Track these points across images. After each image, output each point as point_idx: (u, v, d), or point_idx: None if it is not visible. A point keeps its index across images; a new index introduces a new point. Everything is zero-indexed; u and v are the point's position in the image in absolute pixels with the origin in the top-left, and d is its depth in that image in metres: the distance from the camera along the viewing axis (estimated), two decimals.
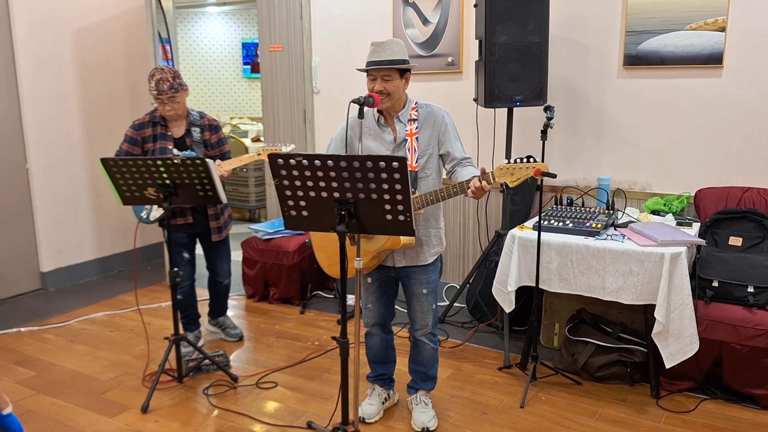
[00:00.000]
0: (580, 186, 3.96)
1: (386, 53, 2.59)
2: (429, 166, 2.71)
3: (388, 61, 2.58)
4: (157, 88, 3.38)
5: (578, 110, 3.92)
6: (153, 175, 3.08)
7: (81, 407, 3.18)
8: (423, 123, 2.71)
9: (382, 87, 2.60)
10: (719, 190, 3.57)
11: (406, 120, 2.70)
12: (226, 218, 3.77)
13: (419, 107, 2.73)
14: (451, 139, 2.71)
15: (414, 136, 2.68)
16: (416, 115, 2.70)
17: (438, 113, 2.72)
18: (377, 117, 2.74)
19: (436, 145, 2.71)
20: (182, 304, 3.78)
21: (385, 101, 2.63)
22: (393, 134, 2.72)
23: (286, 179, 2.31)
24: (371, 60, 2.61)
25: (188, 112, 3.58)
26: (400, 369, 3.22)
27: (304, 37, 4.72)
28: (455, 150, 2.71)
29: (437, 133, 2.71)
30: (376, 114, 2.74)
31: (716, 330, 3.09)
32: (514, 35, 3.47)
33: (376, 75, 2.61)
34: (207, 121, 3.63)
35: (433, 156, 2.72)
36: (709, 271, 3.22)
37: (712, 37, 3.48)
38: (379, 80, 2.61)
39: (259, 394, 3.29)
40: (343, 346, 2.41)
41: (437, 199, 2.57)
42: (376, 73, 2.60)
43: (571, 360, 3.44)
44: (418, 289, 2.81)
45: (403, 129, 2.70)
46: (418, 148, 2.67)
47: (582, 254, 3.17)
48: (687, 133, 3.66)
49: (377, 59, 2.59)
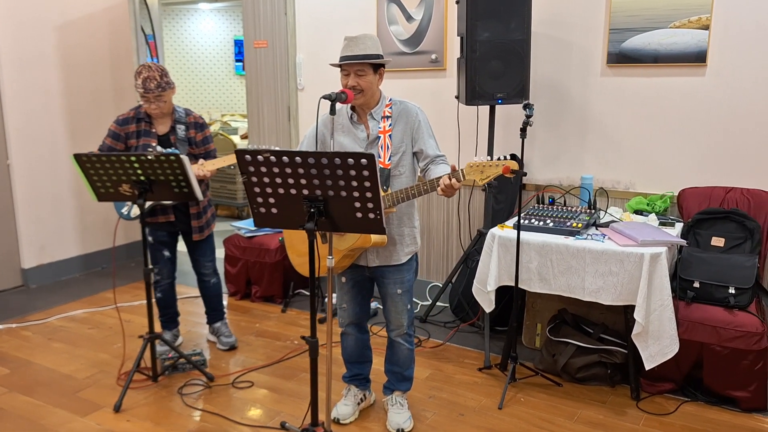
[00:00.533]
0: (563, 185, 3.92)
1: (359, 48, 2.54)
2: (402, 164, 2.67)
3: (361, 56, 2.54)
4: (143, 86, 3.31)
5: (562, 108, 3.88)
6: (127, 171, 3.04)
7: (54, 406, 3.14)
8: (396, 120, 2.67)
9: (356, 82, 2.56)
10: (702, 190, 3.54)
11: (379, 117, 2.66)
12: (209, 217, 3.72)
13: (393, 104, 2.69)
14: (424, 137, 2.67)
15: (387, 133, 2.63)
16: (390, 112, 2.66)
17: (412, 110, 2.68)
18: (350, 114, 2.70)
19: (409, 142, 2.67)
20: (161, 303, 3.73)
21: (358, 97, 2.59)
22: (366, 131, 2.68)
23: (254, 176, 2.27)
24: (344, 55, 2.57)
25: (174, 109, 3.52)
26: (377, 369, 3.19)
27: (289, 34, 4.68)
28: (428, 148, 2.67)
29: (411, 130, 2.67)
30: (350, 111, 2.70)
31: (697, 331, 3.06)
32: (495, 32, 3.43)
33: (349, 70, 2.57)
34: (193, 119, 3.56)
35: (407, 154, 2.68)
36: (690, 272, 3.19)
37: (696, 36, 3.45)
38: (352, 75, 2.57)
39: (234, 394, 3.25)
40: (312, 345, 2.37)
41: (408, 196, 2.53)
42: (349, 68, 2.56)
43: (551, 361, 3.40)
44: (393, 289, 2.77)
45: (377, 126, 2.66)
46: (391, 145, 2.63)
47: (562, 254, 3.13)
48: (671, 132, 3.63)
49: (350, 54, 2.55)
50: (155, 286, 3.69)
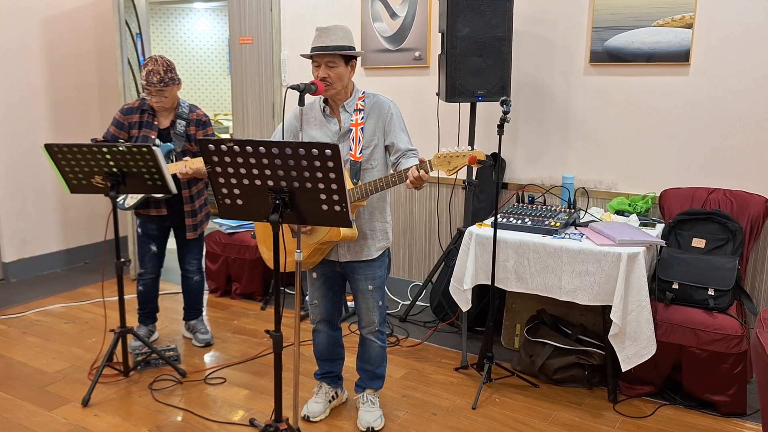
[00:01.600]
0: (545, 185, 3.88)
1: (330, 39, 2.51)
2: (374, 157, 2.63)
3: (332, 47, 2.50)
4: (146, 79, 3.29)
5: (544, 107, 3.84)
6: (99, 163, 3.00)
7: (21, 399, 3.09)
8: (369, 113, 2.63)
9: (326, 74, 2.52)
10: (684, 190, 3.49)
11: (352, 110, 2.63)
12: (203, 216, 3.65)
13: (366, 97, 2.65)
14: (396, 130, 2.63)
15: (359, 126, 2.60)
16: (363, 105, 2.63)
17: (384, 103, 2.64)
18: (323, 107, 2.66)
19: (381, 135, 2.63)
20: (142, 296, 3.69)
21: (329, 89, 2.55)
22: (338, 124, 2.64)
23: (218, 166, 2.23)
24: (315, 45, 2.53)
25: (178, 103, 3.46)
26: (351, 366, 3.14)
27: (274, 30, 4.64)
28: (400, 141, 2.63)
29: (383, 123, 2.63)
30: (322, 103, 2.66)
31: (675, 333, 3.02)
32: (476, 29, 3.39)
33: (319, 61, 2.53)
34: (196, 116, 3.46)
35: (379, 147, 2.64)
36: (669, 273, 3.15)
37: (679, 34, 3.41)
38: (323, 67, 2.53)
39: (205, 390, 3.20)
40: (276, 340, 2.32)
41: (377, 188, 2.49)
42: (320, 59, 2.53)
43: (529, 361, 3.36)
44: (364, 285, 2.72)
45: (349, 119, 2.62)
46: (363, 138, 2.59)
47: (539, 253, 3.09)
48: (653, 132, 3.59)
49: (320, 45, 2.51)
50: (138, 278, 3.65)
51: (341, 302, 2.93)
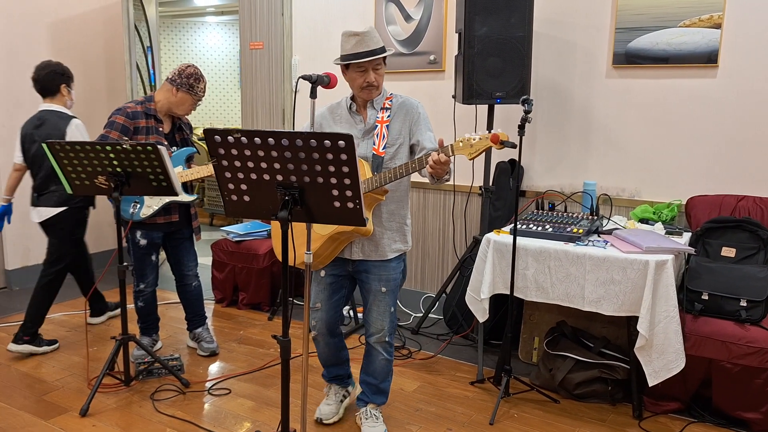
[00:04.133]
0: (565, 192, 3.73)
1: (374, 42, 2.46)
2: (398, 156, 2.57)
3: (379, 50, 2.46)
4: (203, 92, 3.40)
5: (564, 111, 3.71)
6: (103, 162, 2.89)
7: (18, 408, 2.96)
8: (396, 113, 2.58)
9: (373, 78, 2.48)
10: (712, 198, 3.34)
11: (379, 107, 2.58)
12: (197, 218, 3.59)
13: (394, 97, 2.62)
14: (422, 129, 2.57)
15: (385, 123, 2.55)
16: (390, 104, 2.59)
17: (412, 103, 2.61)
18: (350, 104, 2.61)
19: (407, 135, 2.58)
20: (144, 311, 3.53)
21: (373, 92, 2.53)
22: (364, 120, 2.58)
23: (224, 159, 2.10)
24: (362, 51, 2.43)
25: None
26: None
27: (285, 35, 4.55)
28: (425, 140, 2.55)
29: (409, 123, 2.57)
30: (349, 101, 2.61)
31: (705, 346, 2.85)
32: (495, 28, 3.28)
33: (367, 66, 2.46)
34: (186, 119, 3.52)
35: (404, 146, 2.58)
36: (698, 283, 2.98)
37: (707, 35, 3.28)
38: (370, 72, 2.48)
39: (209, 401, 3.05)
40: (284, 345, 2.17)
41: (396, 176, 2.39)
42: (368, 64, 2.45)
43: (548, 376, 3.19)
44: (376, 286, 2.59)
45: (375, 115, 2.58)
46: (387, 135, 2.53)
47: (560, 260, 2.94)
48: (679, 137, 3.44)
49: (367, 50, 2.43)
50: (139, 295, 3.48)
51: (341, 310, 2.78)
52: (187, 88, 3.31)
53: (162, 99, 3.34)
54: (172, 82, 3.32)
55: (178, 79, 3.31)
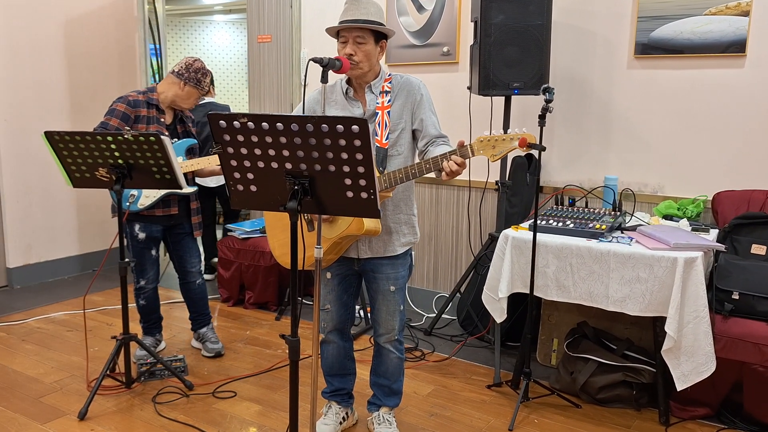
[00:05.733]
0: (584, 187, 3.59)
1: (361, 12, 2.26)
2: (400, 143, 2.37)
3: (362, 20, 2.26)
4: (209, 87, 3.37)
5: (583, 104, 3.56)
6: (104, 153, 2.76)
7: (13, 411, 2.83)
8: (397, 94, 2.38)
9: (353, 50, 2.27)
10: (740, 193, 3.19)
11: (378, 91, 2.37)
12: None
13: (393, 78, 2.40)
14: (426, 112, 2.37)
15: (386, 110, 2.34)
16: (389, 87, 2.37)
17: (414, 83, 2.39)
18: (345, 88, 2.41)
19: (409, 118, 2.37)
20: (145, 310, 3.40)
21: (354, 69, 2.29)
22: (363, 107, 2.38)
23: (230, 146, 1.97)
24: (344, 19, 2.28)
25: None
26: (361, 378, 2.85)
27: (293, 27, 4.43)
28: (429, 125, 2.36)
29: (411, 105, 2.37)
30: (345, 85, 2.41)
31: (736, 349, 2.70)
32: (512, 16, 3.14)
33: (347, 36, 2.28)
34: (188, 112, 3.42)
35: (406, 131, 2.38)
36: (728, 282, 2.83)
37: (734, 23, 3.13)
38: (350, 42, 2.28)
39: (213, 404, 2.92)
40: (293, 345, 2.04)
41: (407, 176, 2.22)
42: (348, 33, 2.28)
43: (569, 379, 3.04)
44: (385, 286, 2.44)
45: (374, 101, 2.36)
46: (389, 122, 2.33)
47: (583, 257, 2.79)
48: (705, 130, 3.29)
49: (350, 18, 2.27)
50: (139, 292, 3.35)
51: (354, 308, 2.64)
52: (194, 82, 3.23)
53: (166, 91, 3.24)
54: (179, 75, 3.21)
55: (186, 73, 3.20)
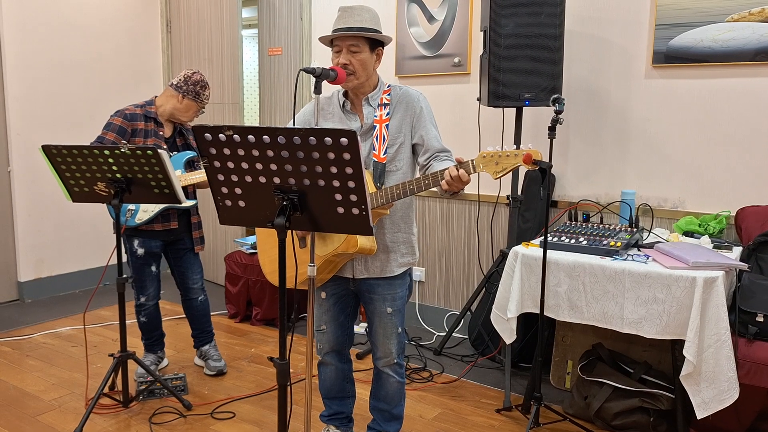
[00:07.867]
0: (600, 202, 3.44)
1: (354, 20, 2.18)
2: (399, 157, 2.27)
3: (356, 28, 2.17)
4: (208, 100, 3.30)
5: (599, 115, 3.43)
6: (102, 168, 2.72)
7: (8, 430, 2.77)
8: (395, 107, 2.29)
9: (347, 60, 2.19)
10: (765, 208, 3.01)
11: (376, 104, 2.28)
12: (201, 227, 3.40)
13: (392, 89, 2.31)
14: (426, 126, 2.27)
15: (384, 123, 2.25)
16: (388, 99, 2.28)
17: (413, 95, 2.30)
18: (342, 101, 2.32)
19: (408, 132, 2.28)
20: (147, 327, 3.33)
21: (350, 79, 2.21)
22: (360, 120, 2.29)
23: (217, 160, 1.89)
24: (337, 27, 2.20)
25: None
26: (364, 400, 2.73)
27: (304, 40, 4.38)
28: (430, 139, 2.26)
29: (410, 118, 2.28)
30: (342, 97, 2.33)
31: (762, 375, 2.52)
32: (523, 24, 3.04)
33: (341, 45, 2.20)
34: (188, 125, 3.35)
35: (405, 146, 2.28)
36: (752, 303, 2.66)
37: (758, 30, 2.98)
38: (344, 52, 2.20)
39: (210, 425, 2.83)
40: (282, 369, 1.94)
41: (405, 192, 2.11)
42: (342, 42, 2.20)
43: (583, 404, 2.89)
44: (381, 307, 2.33)
45: (372, 114, 2.27)
46: (388, 136, 2.24)
47: (596, 276, 2.65)
48: (727, 142, 3.13)
49: (343, 26, 2.18)
50: (140, 309, 3.28)
51: (352, 329, 2.53)
52: (193, 95, 3.18)
53: (165, 104, 3.20)
54: (177, 88, 3.17)
55: (185, 86, 3.16)
